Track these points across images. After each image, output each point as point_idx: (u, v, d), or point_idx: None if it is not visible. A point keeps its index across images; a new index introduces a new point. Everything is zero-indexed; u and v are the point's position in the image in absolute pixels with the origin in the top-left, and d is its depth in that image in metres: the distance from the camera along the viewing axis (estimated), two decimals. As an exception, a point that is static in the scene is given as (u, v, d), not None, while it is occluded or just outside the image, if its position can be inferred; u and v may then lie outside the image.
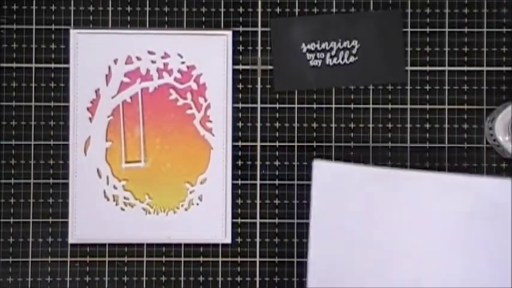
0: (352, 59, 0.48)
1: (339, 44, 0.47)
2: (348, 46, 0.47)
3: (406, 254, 0.45)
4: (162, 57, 0.50)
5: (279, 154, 0.51)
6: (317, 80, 0.48)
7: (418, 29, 0.51)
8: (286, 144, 0.51)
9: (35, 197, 0.50)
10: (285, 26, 0.49)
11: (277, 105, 0.51)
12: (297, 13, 0.51)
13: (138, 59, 0.50)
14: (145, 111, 0.50)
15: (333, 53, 0.48)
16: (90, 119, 0.50)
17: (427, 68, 0.51)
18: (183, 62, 0.50)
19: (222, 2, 0.51)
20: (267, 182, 0.50)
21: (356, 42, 0.48)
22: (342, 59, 0.47)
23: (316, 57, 0.48)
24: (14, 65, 0.51)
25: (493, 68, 0.51)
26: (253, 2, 0.51)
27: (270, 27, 0.50)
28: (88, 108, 0.50)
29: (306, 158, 0.50)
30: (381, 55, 0.49)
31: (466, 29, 0.51)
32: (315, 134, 0.50)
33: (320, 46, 0.47)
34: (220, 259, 0.50)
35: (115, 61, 0.50)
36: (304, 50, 0.47)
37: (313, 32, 0.48)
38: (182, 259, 0.50)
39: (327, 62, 0.47)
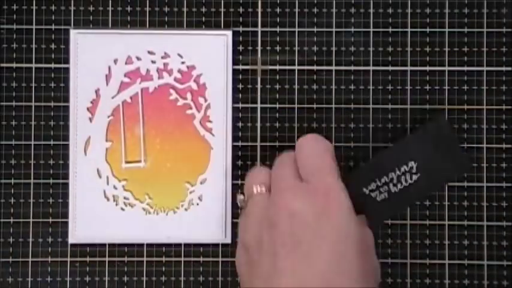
0: (414, 177, 0.46)
1: (398, 172, 0.46)
2: (407, 169, 0.46)
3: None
4: (162, 57, 0.50)
5: (279, 154, 0.51)
6: (390, 208, 0.47)
7: (418, 29, 0.51)
8: (286, 144, 0.51)
9: (35, 197, 0.50)
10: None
11: (277, 105, 0.51)
12: (297, 13, 0.51)
13: (138, 59, 0.50)
14: (145, 111, 0.50)
15: (395, 181, 0.46)
16: (90, 119, 0.50)
17: (427, 68, 0.51)
18: (183, 62, 0.50)
19: (222, 2, 0.51)
20: (267, 182, 0.50)
21: (413, 162, 0.46)
22: (406, 181, 0.46)
23: (380, 192, 0.46)
24: (14, 65, 0.51)
25: (493, 68, 0.51)
26: (253, 2, 0.51)
27: None
28: (88, 108, 0.50)
29: (306, 158, 0.50)
30: (440, 161, 0.47)
31: (466, 29, 0.51)
32: (315, 134, 0.50)
33: (380, 182, 0.46)
34: (220, 259, 0.50)
35: (115, 61, 0.50)
36: (367, 193, 0.46)
37: (371, 174, 0.47)
38: (182, 259, 0.50)
39: (392, 190, 0.46)
